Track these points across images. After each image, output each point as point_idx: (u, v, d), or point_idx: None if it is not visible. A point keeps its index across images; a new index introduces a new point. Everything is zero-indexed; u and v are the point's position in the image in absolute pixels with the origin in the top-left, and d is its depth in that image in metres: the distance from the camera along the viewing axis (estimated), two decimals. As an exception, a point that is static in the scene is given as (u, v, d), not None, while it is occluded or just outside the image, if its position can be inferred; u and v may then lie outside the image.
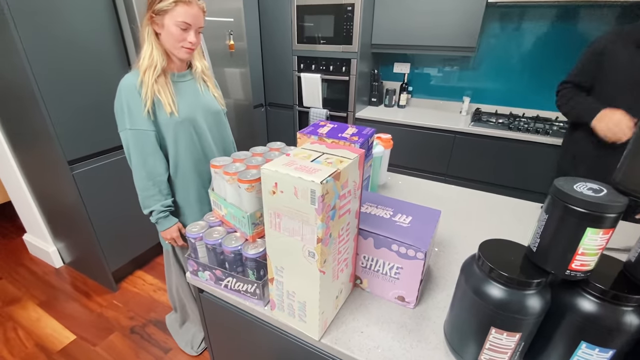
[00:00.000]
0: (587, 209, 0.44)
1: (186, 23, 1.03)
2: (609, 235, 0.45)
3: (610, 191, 0.46)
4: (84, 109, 1.57)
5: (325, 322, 0.66)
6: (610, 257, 0.54)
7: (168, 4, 0.99)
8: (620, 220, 0.45)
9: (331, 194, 0.52)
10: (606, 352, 0.50)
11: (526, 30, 2.26)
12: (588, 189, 0.46)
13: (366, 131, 0.95)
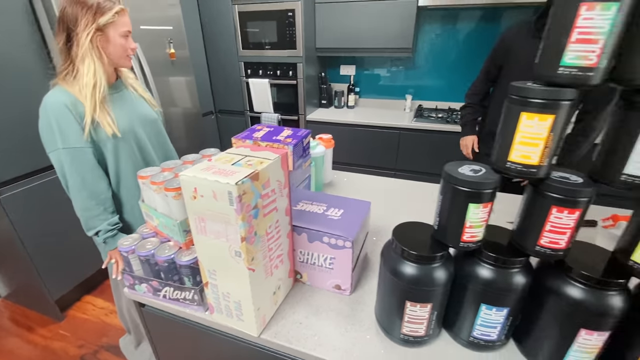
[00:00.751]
0: (467, 187, 0.51)
1: (129, 31, 1.02)
2: (489, 208, 0.53)
3: (487, 170, 0.53)
4: (7, 130, 1.46)
5: (263, 318, 0.68)
6: (502, 228, 0.62)
7: (111, 16, 0.96)
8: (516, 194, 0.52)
9: (250, 194, 0.54)
10: (501, 310, 0.57)
11: (458, 30, 2.45)
12: (470, 170, 0.53)
13: (301, 133, 0.99)
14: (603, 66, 0.41)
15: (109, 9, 0.94)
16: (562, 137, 0.47)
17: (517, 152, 0.49)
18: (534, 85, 0.45)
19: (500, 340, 0.61)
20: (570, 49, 0.41)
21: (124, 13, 0.97)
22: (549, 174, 0.50)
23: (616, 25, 0.39)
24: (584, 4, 0.39)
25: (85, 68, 0.96)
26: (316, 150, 1.23)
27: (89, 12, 0.92)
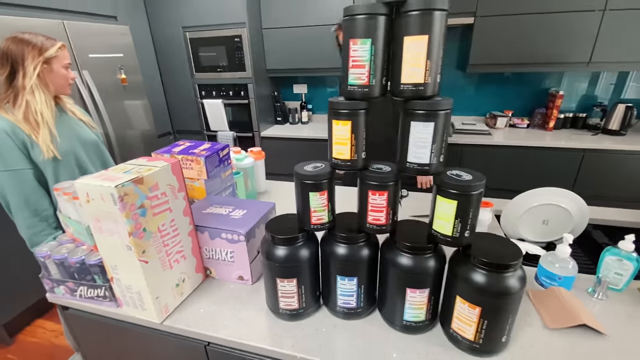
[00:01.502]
0: (306, 180, 0.64)
1: (69, 63, 1.14)
2: (326, 195, 0.66)
3: (325, 166, 0.67)
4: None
5: (165, 307, 0.78)
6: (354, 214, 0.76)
7: (55, 50, 1.08)
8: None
9: (132, 195, 0.65)
10: (352, 280, 0.70)
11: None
12: (312, 167, 0.67)
13: (218, 146, 1.11)
14: (374, 84, 0.56)
15: (51, 45, 1.07)
16: (364, 137, 0.61)
17: (335, 151, 0.63)
18: (339, 100, 0.60)
19: (360, 307, 0.74)
20: (350, 73, 0.56)
21: (63, 48, 1.11)
22: (367, 166, 0.65)
23: (374, 54, 0.54)
24: (351, 40, 0.54)
25: (36, 98, 1.06)
26: (244, 162, 1.35)
27: (35, 49, 1.05)
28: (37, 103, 1.06)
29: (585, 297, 0.82)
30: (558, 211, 1.04)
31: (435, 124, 0.55)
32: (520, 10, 2.14)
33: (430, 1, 0.49)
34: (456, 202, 0.57)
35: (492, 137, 2.34)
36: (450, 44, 2.60)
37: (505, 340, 0.64)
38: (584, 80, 2.48)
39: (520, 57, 2.24)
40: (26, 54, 1.05)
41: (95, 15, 2.24)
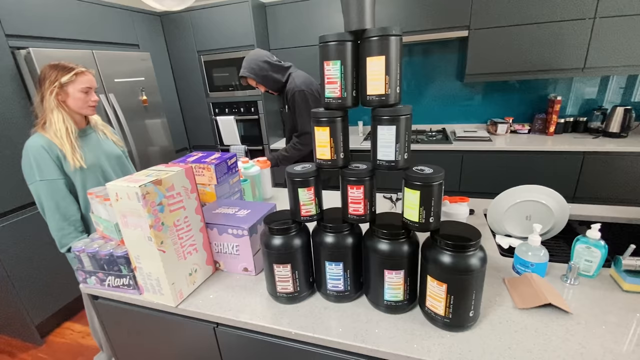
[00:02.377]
0: (294, 178, 0.76)
1: (89, 87, 1.31)
2: (312, 191, 0.78)
3: (311, 166, 0.79)
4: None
5: (180, 292, 0.90)
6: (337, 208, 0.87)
7: (69, 77, 1.26)
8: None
9: (153, 194, 0.79)
10: (338, 265, 0.80)
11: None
12: (301, 167, 0.79)
13: (227, 156, 1.25)
14: (346, 96, 0.68)
15: (68, 72, 1.23)
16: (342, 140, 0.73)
17: (318, 153, 0.75)
18: (319, 110, 0.72)
19: (348, 291, 0.84)
20: (327, 88, 0.69)
21: (83, 74, 1.27)
22: (346, 165, 0.76)
23: (344, 72, 0.66)
24: (325, 62, 0.67)
25: (54, 117, 1.24)
26: (251, 170, 1.49)
27: (53, 75, 1.22)
28: (56, 122, 1.23)
29: (559, 284, 0.89)
30: (539, 207, 1.12)
31: (397, 127, 0.66)
32: (512, 22, 2.24)
33: (386, 29, 0.61)
34: (419, 192, 0.68)
35: (493, 143, 2.40)
36: (448, 55, 2.72)
37: (472, 315, 0.72)
38: (584, 85, 2.53)
39: (515, 66, 2.33)
40: (46, 80, 1.24)
41: (120, 45, 2.49)
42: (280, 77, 1.89)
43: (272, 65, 1.86)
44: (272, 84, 1.88)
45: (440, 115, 2.93)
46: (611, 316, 0.76)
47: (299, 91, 1.86)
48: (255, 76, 1.84)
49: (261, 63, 1.84)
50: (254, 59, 1.84)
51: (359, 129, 3.00)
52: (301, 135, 1.88)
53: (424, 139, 2.57)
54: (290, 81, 1.89)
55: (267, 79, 1.86)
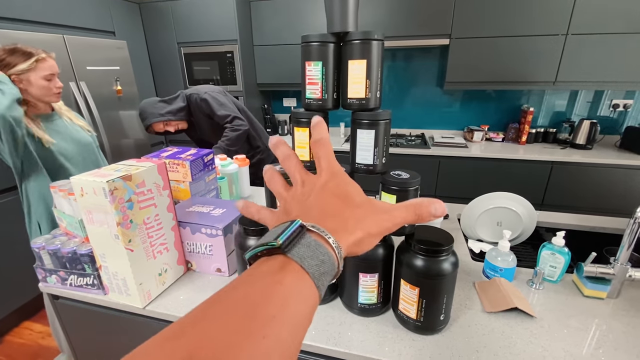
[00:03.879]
0: (271, 178, 0.75)
1: (52, 74, 1.24)
2: (289, 192, 0.77)
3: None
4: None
5: (148, 293, 0.86)
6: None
7: (29, 64, 1.18)
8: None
9: (122, 190, 0.75)
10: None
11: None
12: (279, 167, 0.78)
13: (203, 152, 1.22)
14: (327, 98, 0.68)
15: (27, 57, 1.16)
16: (321, 142, 0.72)
17: (297, 154, 0.74)
18: (300, 110, 0.72)
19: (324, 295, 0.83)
20: (307, 88, 0.68)
21: (44, 60, 1.20)
22: (324, 167, 0.75)
23: (325, 74, 0.66)
24: (307, 62, 0.66)
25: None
26: (229, 167, 1.46)
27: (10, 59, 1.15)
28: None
29: (525, 288, 0.92)
30: (510, 214, 1.16)
31: (376, 131, 0.66)
32: (491, 34, 2.32)
33: (369, 33, 0.61)
34: (395, 197, 0.68)
35: (468, 149, 2.48)
36: (429, 62, 2.78)
37: (443, 319, 0.74)
38: (554, 97, 2.66)
39: (492, 76, 2.42)
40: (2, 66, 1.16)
41: (95, 31, 2.37)
42: (181, 103, 1.92)
43: (167, 100, 1.89)
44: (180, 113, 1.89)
45: (420, 120, 2.99)
46: (573, 320, 0.79)
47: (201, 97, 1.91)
48: (161, 117, 1.84)
49: (157, 104, 1.86)
50: (147, 106, 1.85)
51: (340, 131, 3.01)
52: (233, 121, 1.91)
53: (403, 142, 2.61)
54: (190, 97, 1.94)
55: (173, 113, 1.87)
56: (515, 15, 2.25)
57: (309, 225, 0.28)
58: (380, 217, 0.31)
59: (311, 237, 0.27)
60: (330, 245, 0.27)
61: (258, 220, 0.35)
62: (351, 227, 0.30)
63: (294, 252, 0.25)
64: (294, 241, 0.26)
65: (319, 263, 0.26)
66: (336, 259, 0.27)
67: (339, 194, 0.32)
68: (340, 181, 0.33)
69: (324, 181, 0.33)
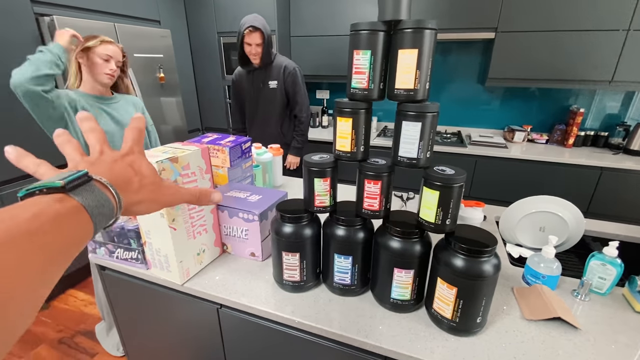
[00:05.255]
0: (311, 167, 0.75)
1: (109, 56, 1.36)
2: (328, 182, 0.77)
3: (329, 157, 0.78)
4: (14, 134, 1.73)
5: (187, 271, 0.90)
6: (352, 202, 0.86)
7: (95, 42, 1.34)
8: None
9: (169, 171, 0.79)
10: (348, 258, 0.80)
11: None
12: (319, 157, 0.78)
13: (242, 140, 1.25)
14: (373, 88, 0.66)
15: (94, 37, 1.32)
16: (364, 133, 0.71)
17: (338, 144, 0.74)
18: (343, 100, 0.71)
19: (354, 285, 0.83)
20: (353, 78, 0.67)
21: (109, 43, 1.35)
22: (365, 159, 0.75)
23: (373, 63, 0.65)
24: (355, 51, 0.65)
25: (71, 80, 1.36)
26: (263, 156, 1.48)
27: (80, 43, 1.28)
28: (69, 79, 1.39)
29: (569, 298, 0.87)
30: (555, 219, 1.09)
31: (422, 124, 0.64)
32: (541, 27, 2.18)
33: (422, 21, 0.59)
34: (438, 193, 0.66)
35: (508, 150, 2.36)
36: (470, 56, 2.66)
37: (480, 322, 0.71)
38: (608, 98, 2.46)
39: (540, 73, 2.27)
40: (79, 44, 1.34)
41: (142, 19, 2.48)
42: (272, 50, 1.98)
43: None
44: (268, 51, 1.92)
45: (457, 118, 2.88)
46: (621, 336, 0.74)
47: (296, 67, 2.00)
48: (266, 34, 1.86)
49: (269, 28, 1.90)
50: (264, 21, 1.89)
51: (372, 125, 2.97)
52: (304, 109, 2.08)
53: (439, 140, 2.53)
54: (279, 58, 2.01)
55: (269, 44, 1.90)
56: (570, 8, 2.09)
57: (96, 176, 0.31)
58: (166, 190, 0.39)
59: (95, 185, 0.31)
60: (113, 195, 0.31)
61: (34, 174, 0.34)
62: (135, 189, 0.35)
63: (76, 192, 0.28)
64: (78, 186, 0.29)
65: (98, 205, 0.29)
66: (115, 206, 0.31)
67: (133, 166, 0.37)
68: (137, 159, 0.38)
69: (123, 154, 0.38)
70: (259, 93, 2.07)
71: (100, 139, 0.38)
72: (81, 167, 0.34)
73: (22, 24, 1.74)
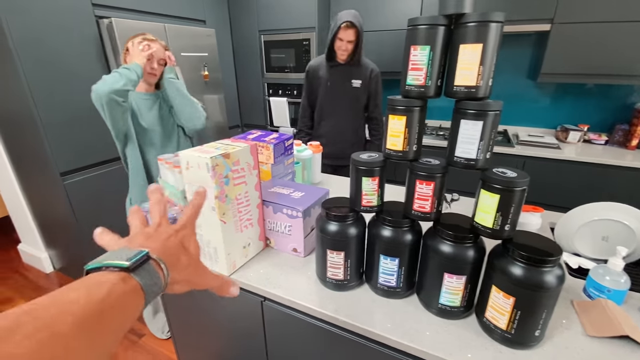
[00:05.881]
0: (360, 166, 0.74)
1: (151, 54, 1.43)
2: (377, 181, 0.75)
3: (379, 156, 0.76)
4: (75, 128, 1.89)
5: (233, 263, 0.94)
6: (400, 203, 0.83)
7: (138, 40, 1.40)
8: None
9: (221, 167, 0.82)
10: (394, 260, 0.78)
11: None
12: (367, 156, 0.77)
13: (284, 137, 1.26)
14: (430, 85, 0.64)
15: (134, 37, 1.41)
16: (417, 131, 0.69)
17: (389, 142, 0.72)
18: (397, 97, 0.69)
19: (399, 287, 0.81)
20: (409, 74, 0.65)
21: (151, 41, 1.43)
22: (417, 158, 0.72)
23: (432, 59, 0.62)
24: (412, 47, 0.63)
25: None
26: (304, 153, 1.49)
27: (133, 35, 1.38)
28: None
29: (637, 315, 0.79)
30: (620, 228, 1.00)
31: (484, 123, 0.61)
32: (602, 18, 1.99)
33: (487, 14, 0.56)
34: (498, 197, 0.62)
35: (561, 151, 2.19)
36: (519, 50, 2.50)
37: (538, 335, 0.67)
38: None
39: (601, 68, 2.08)
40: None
41: (190, 20, 2.59)
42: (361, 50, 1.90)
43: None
44: (358, 50, 1.86)
45: (503, 115, 2.72)
46: None
47: (379, 72, 1.94)
48: (360, 32, 1.81)
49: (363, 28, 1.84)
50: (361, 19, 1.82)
51: (411, 123, 2.89)
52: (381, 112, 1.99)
53: (482, 139, 2.41)
54: (364, 59, 1.93)
55: (360, 43, 1.84)
56: (642, -5, 1.89)
57: (152, 255, 0.35)
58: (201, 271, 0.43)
59: (152, 264, 0.34)
60: (164, 275, 0.35)
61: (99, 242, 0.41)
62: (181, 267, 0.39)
63: (136, 272, 0.32)
64: (139, 266, 0.33)
65: (152, 284, 0.33)
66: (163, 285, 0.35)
67: (184, 243, 0.41)
68: (188, 235, 0.43)
69: (177, 229, 0.42)
70: (341, 89, 1.98)
71: (161, 212, 0.44)
72: (139, 239, 0.39)
73: (84, 26, 1.89)
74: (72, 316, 0.25)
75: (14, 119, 1.86)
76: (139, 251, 0.34)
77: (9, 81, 1.73)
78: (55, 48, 1.76)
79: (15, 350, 0.20)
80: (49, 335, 0.23)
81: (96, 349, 0.26)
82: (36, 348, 0.21)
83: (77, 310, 0.25)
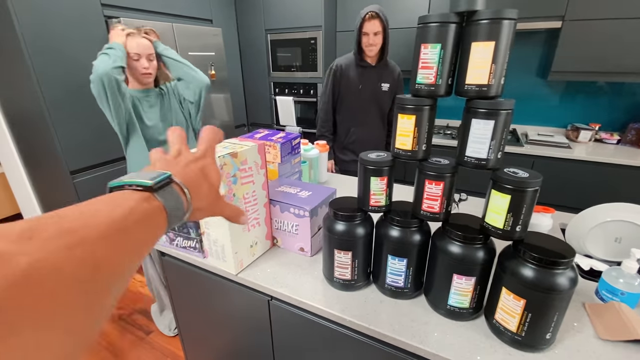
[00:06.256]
0: (368, 165, 0.74)
1: (136, 54, 1.35)
2: (385, 181, 0.75)
3: (386, 155, 0.76)
4: (85, 127, 1.91)
5: (241, 262, 0.94)
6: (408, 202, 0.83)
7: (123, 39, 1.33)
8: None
9: (229, 166, 0.82)
10: (402, 260, 0.77)
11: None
12: (376, 155, 0.76)
13: (292, 136, 1.26)
14: (440, 83, 0.63)
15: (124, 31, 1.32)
16: (427, 131, 0.68)
17: (398, 142, 0.71)
18: (406, 96, 0.68)
19: (407, 288, 0.81)
20: (419, 73, 0.64)
21: (132, 36, 1.32)
22: (426, 158, 0.72)
23: (442, 57, 0.61)
24: (423, 45, 0.62)
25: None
26: (310, 152, 1.49)
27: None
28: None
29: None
30: (633, 230, 0.98)
31: (495, 122, 0.60)
32: (617, 14, 1.95)
33: (500, 11, 0.55)
34: (510, 197, 0.61)
35: (571, 150, 2.16)
36: (529, 48, 2.46)
37: (549, 338, 0.66)
38: (699, 94, 2.15)
39: (613, 66, 2.04)
40: None
41: (197, 19, 2.60)
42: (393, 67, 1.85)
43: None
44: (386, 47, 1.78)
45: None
46: None
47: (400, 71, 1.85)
48: (386, 24, 1.73)
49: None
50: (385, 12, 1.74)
51: (418, 122, 2.87)
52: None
53: (491, 138, 2.38)
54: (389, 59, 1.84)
55: (387, 38, 1.76)
56: (657, -9, 1.84)
57: (175, 179, 0.34)
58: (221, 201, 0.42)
59: (174, 188, 0.33)
60: (186, 199, 0.34)
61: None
62: (202, 195, 0.38)
63: (159, 193, 0.31)
64: (162, 187, 0.32)
65: (174, 207, 0.32)
66: (186, 210, 0.35)
67: (204, 171, 0.40)
68: (209, 164, 0.41)
69: (198, 157, 0.40)
70: (372, 94, 1.86)
71: (181, 140, 0.42)
72: (159, 165, 0.37)
73: (93, 26, 1.90)
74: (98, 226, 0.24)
75: (26, 118, 1.89)
76: (162, 172, 0.33)
77: (20, 82, 1.75)
78: (65, 48, 1.78)
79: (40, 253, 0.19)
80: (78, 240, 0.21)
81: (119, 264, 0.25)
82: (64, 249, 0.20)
83: (103, 221, 0.24)
